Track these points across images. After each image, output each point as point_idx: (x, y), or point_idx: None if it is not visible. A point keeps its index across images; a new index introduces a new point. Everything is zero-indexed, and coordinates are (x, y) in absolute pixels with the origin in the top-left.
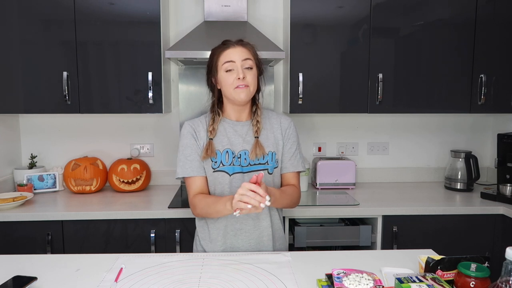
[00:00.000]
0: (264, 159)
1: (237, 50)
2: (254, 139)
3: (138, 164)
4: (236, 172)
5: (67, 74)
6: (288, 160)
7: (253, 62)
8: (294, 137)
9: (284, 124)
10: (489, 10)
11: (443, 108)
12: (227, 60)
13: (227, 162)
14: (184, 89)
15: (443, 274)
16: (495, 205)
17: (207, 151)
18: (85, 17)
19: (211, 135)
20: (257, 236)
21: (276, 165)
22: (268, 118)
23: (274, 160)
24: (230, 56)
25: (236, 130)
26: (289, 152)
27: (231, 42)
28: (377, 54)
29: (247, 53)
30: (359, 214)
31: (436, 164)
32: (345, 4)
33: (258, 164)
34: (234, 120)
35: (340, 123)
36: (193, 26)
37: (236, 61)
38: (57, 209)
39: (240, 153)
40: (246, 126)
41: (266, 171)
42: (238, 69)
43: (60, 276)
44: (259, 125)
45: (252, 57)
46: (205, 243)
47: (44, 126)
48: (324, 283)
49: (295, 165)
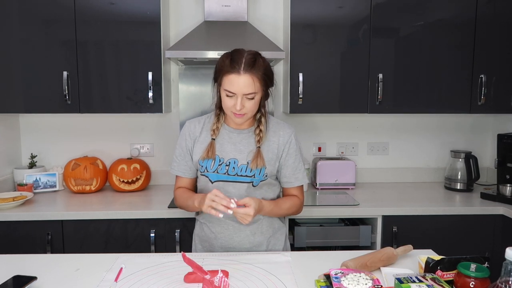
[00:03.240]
0: (252, 172)
1: (242, 80)
2: (249, 148)
3: (138, 164)
4: (220, 180)
5: (67, 74)
6: (292, 174)
7: (258, 91)
8: (296, 150)
9: (283, 138)
10: (489, 10)
11: (443, 108)
12: (227, 89)
13: (211, 169)
14: (184, 89)
15: (443, 275)
16: (495, 206)
17: (208, 153)
18: (85, 17)
19: (213, 134)
20: (255, 235)
21: (264, 179)
22: (268, 128)
23: (262, 174)
24: (232, 86)
25: (231, 137)
26: (292, 167)
27: (238, 66)
28: (377, 54)
29: (251, 84)
30: (359, 214)
31: (436, 164)
32: (345, 4)
33: (245, 176)
34: (232, 127)
35: (340, 123)
36: (193, 26)
37: (237, 93)
38: (57, 208)
39: (230, 161)
40: (243, 134)
41: (250, 184)
42: (238, 100)
43: (60, 276)
44: (261, 135)
45: (259, 83)
46: (203, 242)
47: (44, 125)
48: (322, 284)
49: (300, 179)
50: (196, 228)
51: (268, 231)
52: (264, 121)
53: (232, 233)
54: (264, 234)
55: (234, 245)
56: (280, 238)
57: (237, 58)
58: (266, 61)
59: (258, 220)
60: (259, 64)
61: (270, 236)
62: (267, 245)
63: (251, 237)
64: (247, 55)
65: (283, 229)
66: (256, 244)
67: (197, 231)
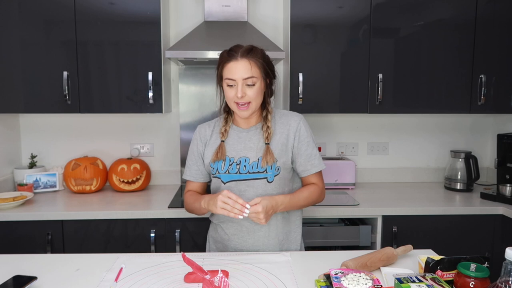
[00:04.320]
0: (263, 168)
1: (240, 65)
2: (259, 145)
3: (138, 164)
4: (232, 180)
5: (67, 74)
6: (307, 162)
7: (258, 76)
8: (307, 136)
9: (292, 127)
10: (489, 10)
11: (443, 109)
12: (227, 77)
13: (222, 169)
14: (184, 89)
15: (442, 274)
16: (495, 206)
17: (217, 154)
18: (86, 17)
19: (223, 137)
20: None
21: (277, 173)
22: (275, 121)
23: (275, 168)
24: (231, 73)
25: (240, 136)
26: (305, 154)
27: (236, 54)
28: (377, 54)
29: (249, 69)
30: (359, 214)
31: (436, 164)
32: (345, 4)
33: (257, 172)
34: (240, 127)
35: (340, 123)
36: (193, 26)
37: (236, 79)
38: (57, 208)
39: (240, 159)
40: (251, 131)
41: (265, 179)
42: (238, 87)
43: (60, 276)
44: (269, 131)
45: (258, 69)
46: (217, 243)
47: (44, 125)
48: (322, 284)
49: (316, 165)
50: (210, 230)
51: (283, 233)
52: (270, 117)
53: (246, 234)
54: (279, 236)
55: (248, 247)
56: (295, 240)
57: (235, 48)
58: (264, 52)
59: (272, 221)
60: (257, 51)
61: (283, 238)
62: (280, 247)
63: (264, 239)
64: (245, 46)
65: (298, 230)
66: (270, 245)
67: (211, 233)
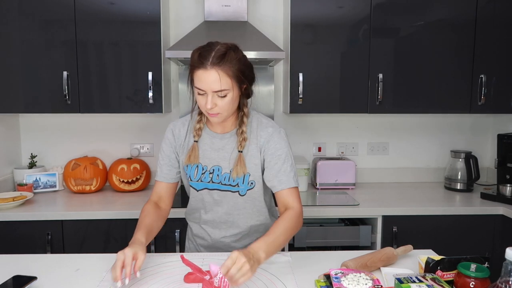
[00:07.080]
0: (235, 181)
1: (209, 77)
2: (232, 155)
3: (138, 164)
4: (205, 188)
5: (67, 74)
6: (274, 177)
7: (229, 88)
8: (278, 149)
9: (263, 138)
10: (489, 10)
11: (443, 109)
12: (196, 85)
13: (195, 178)
14: (184, 89)
15: (443, 275)
16: (495, 206)
17: (190, 158)
18: (85, 17)
19: (196, 136)
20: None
21: (251, 187)
22: (251, 129)
23: (247, 182)
24: (200, 82)
25: (213, 143)
26: (274, 169)
27: (206, 61)
28: (377, 54)
29: (218, 81)
30: (359, 214)
31: (436, 164)
32: (345, 4)
33: (228, 184)
34: (214, 131)
35: (340, 123)
36: (193, 26)
37: (206, 90)
38: (57, 208)
39: (213, 168)
40: (225, 139)
41: (236, 193)
42: (208, 98)
43: (60, 276)
44: (244, 136)
45: (230, 79)
46: (194, 238)
47: (44, 125)
48: (322, 284)
49: (283, 182)
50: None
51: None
52: (246, 121)
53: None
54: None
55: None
56: None
57: (205, 52)
58: (241, 54)
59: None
60: (230, 58)
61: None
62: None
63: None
64: (218, 49)
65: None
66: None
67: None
